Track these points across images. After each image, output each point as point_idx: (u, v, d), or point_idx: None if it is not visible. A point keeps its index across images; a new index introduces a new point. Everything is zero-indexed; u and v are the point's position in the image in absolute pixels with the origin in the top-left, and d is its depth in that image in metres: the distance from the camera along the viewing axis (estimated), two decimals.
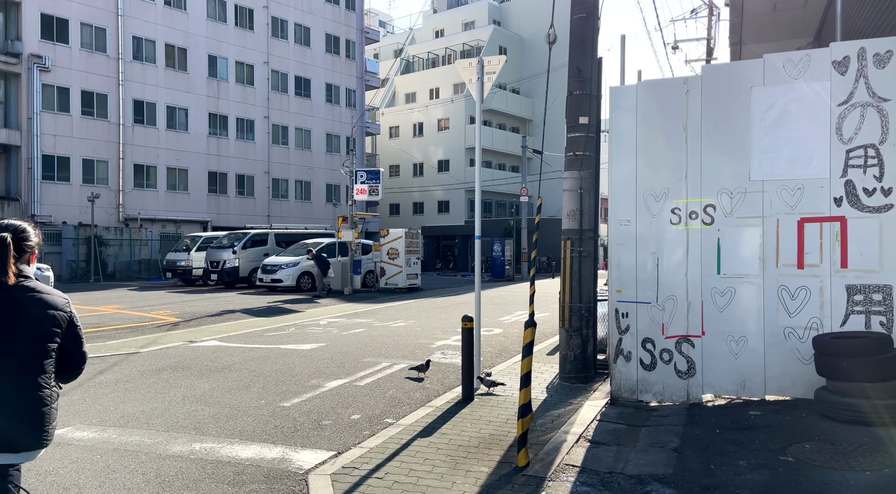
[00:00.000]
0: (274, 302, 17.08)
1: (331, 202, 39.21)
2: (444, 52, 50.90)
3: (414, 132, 48.30)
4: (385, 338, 10.38)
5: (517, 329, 11.60)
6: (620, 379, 6.34)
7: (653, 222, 6.26)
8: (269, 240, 23.49)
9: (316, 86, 38.92)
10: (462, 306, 16.03)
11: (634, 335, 6.30)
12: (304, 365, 8.23)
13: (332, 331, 11.29)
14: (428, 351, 9.19)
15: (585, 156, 7.14)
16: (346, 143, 40.32)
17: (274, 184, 36.81)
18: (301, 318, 13.45)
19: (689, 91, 6.12)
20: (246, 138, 35.55)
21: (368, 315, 14.09)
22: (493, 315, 13.93)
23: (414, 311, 14.77)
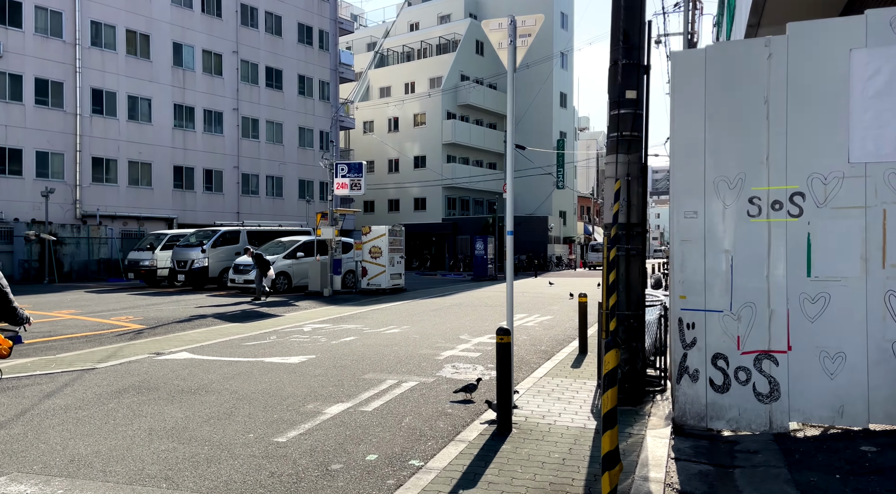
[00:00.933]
0: (250, 306, 15.70)
1: (304, 198, 37.66)
2: (420, 45, 49.69)
3: (389, 127, 46.99)
4: (382, 349, 9.18)
5: (526, 335, 10.51)
6: (685, 402, 5.29)
7: (726, 214, 5.22)
8: (241, 238, 22.01)
9: (288, 77, 37.33)
10: (456, 309, 14.90)
11: (703, 350, 5.25)
12: (296, 383, 6.99)
13: (319, 340, 10.04)
14: (436, 364, 8.03)
15: (633, 137, 6.06)
16: (319, 138, 38.84)
17: (244, 180, 35.14)
18: (282, 324, 12.16)
19: (771, 55, 5.08)
20: (214, 131, 33.82)
21: (356, 319, 12.85)
22: (493, 319, 12.83)
23: (405, 315, 13.58)
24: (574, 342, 9.77)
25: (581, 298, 8.98)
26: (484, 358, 8.39)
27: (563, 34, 49.57)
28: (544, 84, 47.13)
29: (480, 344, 9.49)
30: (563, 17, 49.58)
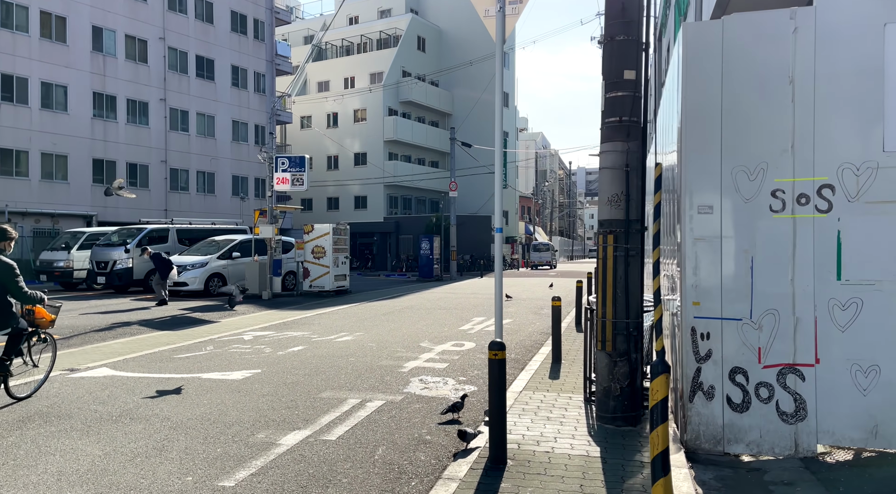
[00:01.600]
0: (181, 311, 14.34)
1: (238, 196, 35.84)
2: (360, 39, 48.43)
3: (328, 122, 45.54)
4: (337, 360, 8.23)
5: None
6: (699, 423, 4.65)
7: (745, 209, 4.61)
8: (170, 237, 20.41)
9: (220, 67, 35.40)
10: (409, 313, 14.04)
11: (719, 363, 4.62)
12: (241, 405, 5.99)
13: (263, 350, 8.98)
14: (401, 378, 7.16)
15: (632, 122, 5.40)
16: (255, 132, 37.07)
17: (172, 175, 33.04)
18: (218, 331, 10.97)
19: (797, 29, 4.50)
20: (139, 122, 31.60)
21: (301, 326, 11.80)
22: (451, 323, 12.06)
23: (355, 320, 12.61)
24: (543, 348, 9.12)
25: (555, 302, 8.31)
26: (453, 370, 7.59)
27: None
28: (484, 82, 46.79)
29: (445, 353, 8.68)
30: None
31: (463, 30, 48.41)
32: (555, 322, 8.21)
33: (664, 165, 6.19)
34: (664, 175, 6.08)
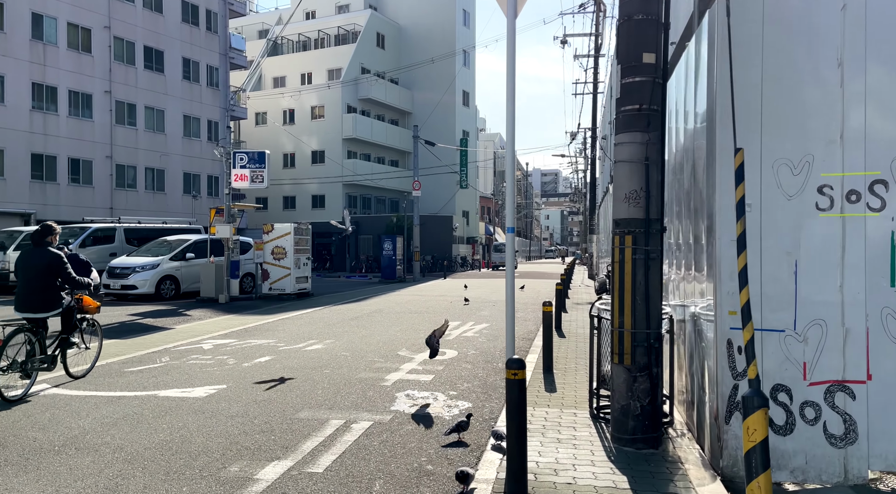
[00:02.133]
0: (130, 317, 13.28)
1: (190, 194, 34.30)
2: (317, 35, 47.28)
3: (284, 119, 44.23)
4: (310, 373, 7.49)
5: (473, 348, 9.18)
6: (736, 447, 4.16)
7: (788, 207, 4.14)
8: (117, 237, 19.14)
9: (171, 59, 33.81)
10: (378, 317, 13.32)
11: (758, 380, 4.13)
12: (208, 430, 5.22)
13: (226, 362, 8.16)
14: (385, 393, 6.49)
15: (652, 111, 4.88)
16: (208, 127, 35.59)
17: (118, 171, 31.33)
18: (174, 339, 10.05)
19: (846, 6, 4.05)
20: (82, 115, 29.83)
21: (265, 332, 10.96)
22: (426, 329, 11.40)
23: (322, 326, 11.83)
24: (530, 355, 8.58)
25: (546, 307, 7.77)
26: (440, 383, 6.95)
27: (466, 32, 48.97)
28: (445, 81, 46.30)
29: (427, 364, 8.03)
30: (466, 15, 48.99)
31: (423, 27, 47.79)
32: (546, 329, 7.67)
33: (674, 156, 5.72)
34: (678, 163, 5.60)
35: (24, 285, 6.54)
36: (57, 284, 6.61)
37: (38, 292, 6.49)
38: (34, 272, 6.51)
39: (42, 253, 6.55)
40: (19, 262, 6.64)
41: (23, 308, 6.51)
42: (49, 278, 6.53)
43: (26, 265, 6.57)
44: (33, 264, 6.53)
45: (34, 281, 6.51)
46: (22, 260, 6.63)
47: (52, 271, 6.53)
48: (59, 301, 6.65)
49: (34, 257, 6.57)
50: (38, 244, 6.64)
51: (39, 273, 6.50)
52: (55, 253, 6.58)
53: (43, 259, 6.51)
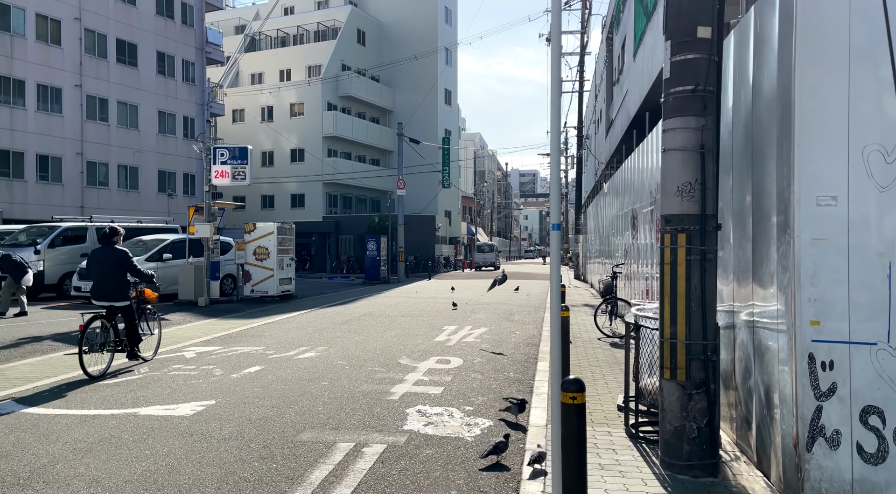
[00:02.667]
0: None
1: (165, 192, 33.19)
2: (296, 30, 46.34)
3: (263, 116, 43.20)
4: (307, 385, 6.83)
5: (479, 356, 8.58)
6: (820, 479, 3.62)
7: (881, 200, 3.61)
8: (89, 237, 18.18)
9: (144, 53, 32.67)
10: (369, 321, 12.65)
11: (846, 401, 3.60)
12: (198, 456, 4.54)
13: (212, 373, 7.45)
14: (393, 409, 5.86)
15: (708, 92, 4.33)
16: (184, 124, 34.49)
17: (89, 169, 30.14)
18: (151, 348, 9.28)
19: None
20: (51, 110, 28.61)
21: (251, 339, 10.24)
22: (422, 334, 10.79)
23: (312, 331, 11.14)
24: (540, 363, 8.02)
25: (564, 312, 7.20)
26: (451, 396, 6.34)
27: (448, 29, 48.41)
28: (426, 78, 45.68)
29: (433, 374, 7.42)
30: (448, 13, 48.43)
31: (404, 24, 47.13)
32: (564, 336, 7.08)
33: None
34: (723, 150, 5.06)
35: (98, 278, 7.61)
36: (126, 277, 7.62)
37: (110, 284, 7.54)
38: (106, 267, 7.55)
39: (111, 251, 7.61)
40: (92, 259, 7.73)
41: (98, 297, 7.58)
42: (119, 271, 7.56)
43: (99, 261, 7.62)
44: (104, 260, 7.58)
45: (106, 274, 7.55)
46: (94, 257, 7.71)
47: (121, 265, 7.58)
48: (128, 291, 7.68)
49: (105, 254, 7.61)
50: (106, 243, 7.72)
51: (110, 267, 7.54)
52: (122, 250, 7.65)
53: (113, 255, 7.58)
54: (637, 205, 10.43)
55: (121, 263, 7.57)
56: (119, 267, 7.57)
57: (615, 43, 27.50)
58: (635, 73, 19.83)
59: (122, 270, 7.59)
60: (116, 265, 7.56)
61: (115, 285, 7.55)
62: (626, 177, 11.80)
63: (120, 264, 7.57)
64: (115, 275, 7.56)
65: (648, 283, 9.32)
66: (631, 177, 11.12)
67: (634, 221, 10.84)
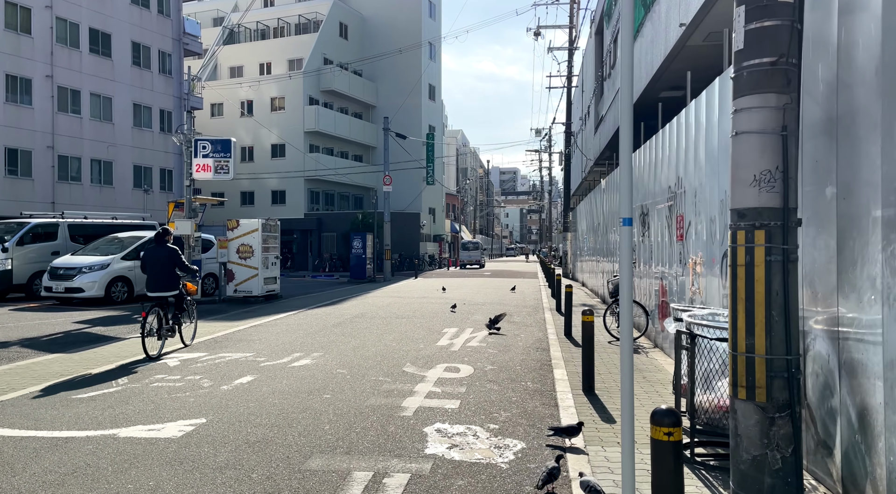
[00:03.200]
0: (77, 325, 11.60)
1: (141, 188, 32.03)
2: (277, 23, 45.27)
3: (242, 111, 42.11)
4: (307, 399, 6.14)
5: (489, 363, 7.95)
6: None
7: None
8: (61, 234, 17.21)
9: (119, 43, 31.46)
10: (362, 323, 11.96)
11: None
12: (191, 492, 3.85)
13: (200, 384, 6.72)
14: (409, 428, 5.20)
15: (791, 65, 3.74)
16: (160, 117, 33.34)
17: (61, 163, 28.93)
18: (131, 353, 8.52)
19: None
20: (20, 101, 27.36)
21: (239, 343, 9.50)
22: (422, 338, 10.15)
23: (303, 335, 10.42)
24: (556, 371, 7.43)
25: (586, 317, 6.61)
26: (470, 411, 5.70)
27: (432, 24, 47.69)
28: (410, 73, 44.94)
29: (444, 384, 6.77)
30: (431, 7, 47.70)
31: (387, 18, 46.31)
32: (587, 341, 6.50)
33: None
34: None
35: (152, 272, 8.56)
36: (175, 271, 8.64)
37: (162, 277, 8.55)
38: (159, 263, 8.55)
39: (163, 249, 8.61)
40: (146, 255, 8.62)
41: (153, 289, 8.58)
42: (170, 267, 8.59)
43: (153, 257, 8.57)
44: (158, 257, 8.56)
45: (159, 269, 8.54)
46: (148, 254, 8.62)
47: (171, 261, 8.58)
48: (177, 283, 8.72)
49: (158, 252, 8.59)
50: (160, 242, 8.72)
51: (163, 263, 8.55)
52: (173, 248, 8.66)
53: (165, 252, 8.57)
54: (648, 201, 9.89)
55: (172, 259, 8.60)
56: (171, 262, 8.60)
57: (606, 37, 27.05)
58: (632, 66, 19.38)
59: (172, 265, 8.61)
60: (168, 261, 8.58)
61: (167, 278, 8.58)
62: (633, 171, 11.27)
63: (171, 260, 8.60)
64: (166, 270, 8.58)
65: (665, 283, 8.78)
66: (640, 171, 10.58)
67: (644, 218, 10.30)
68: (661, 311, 9.00)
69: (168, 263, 8.58)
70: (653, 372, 7.44)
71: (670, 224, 8.39)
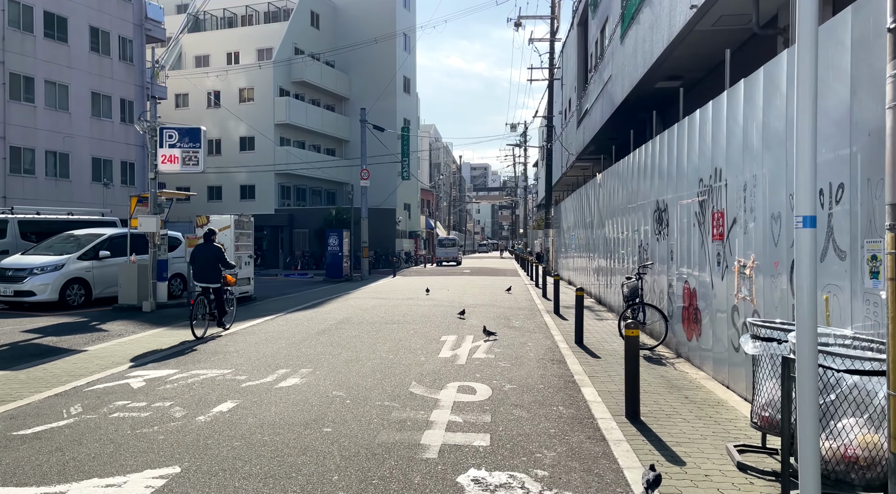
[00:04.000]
0: (26, 334, 10.30)
1: (100, 182, 30.24)
2: (245, 11, 43.58)
3: (209, 102, 40.37)
4: (302, 433, 5.09)
5: (506, 380, 6.98)
6: None
7: None
8: (10, 231, 15.74)
9: (76, 27, 29.59)
10: (349, 329, 10.88)
11: None
12: None
13: (171, 414, 5.61)
14: (438, 477, 4.20)
15: None
16: (121, 107, 31.55)
17: (13, 155, 27.04)
18: (88, 371, 7.33)
19: None
20: None
21: (213, 356, 8.35)
22: (422, 349, 9.13)
23: (285, 345, 9.31)
24: (584, 389, 6.51)
25: (630, 331, 5.68)
26: (508, 449, 4.72)
27: (406, 14, 46.48)
28: (383, 64, 43.68)
29: (466, 411, 5.78)
30: None
31: (360, 8, 44.95)
32: (630, 362, 5.58)
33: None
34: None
35: (199, 266, 10.21)
36: (218, 266, 10.20)
37: (208, 271, 10.16)
38: (206, 259, 10.20)
39: (210, 247, 10.29)
40: (196, 252, 10.38)
41: (200, 280, 10.19)
42: (214, 262, 10.17)
43: (201, 254, 10.26)
44: (206, 254, 10.22)
45: (205, 264, 10.18)
46: (198, 251, 10.34)
47: (216, 258, 10.19)
48: (220, 276, 10.24)
49: (206, 249, 10.27)
50: (207, 241, 10.38)
51: (209, 259, 10.18)
52: (218, 247, 10.35)
53: (212, 250, 10.24)
54: (669, 195, 9.04)
55: (216, 256, 10.28)
56: (215, 258, 10.26)
57: (591, 27, 26.29)
58: (624, 56, 18.57)
59: (216, 261, 10.25)
60: (213, 257, 10.25)
61: (212, 271, 10.22)
62: (646, 163, 10.41)
63: (216, 257, 10.27)
64: (212, 265, 10.23)
65: (691, 286, 7.94)
66: (656, 163, 9.73)
67: (661, 215, 9.46)
68: (687, 317, 8.16)
69: (213, 259, 10.24)
70: (693, 390, 6.58)
71: (701, 221, 7.54)
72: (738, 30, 12.09)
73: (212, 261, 10.19)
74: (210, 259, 10.19)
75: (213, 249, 10.29)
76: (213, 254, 10.21)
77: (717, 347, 7.01)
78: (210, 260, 10.19)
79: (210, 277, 10.20)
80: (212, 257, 10.20)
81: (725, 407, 5.86)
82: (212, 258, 10.19)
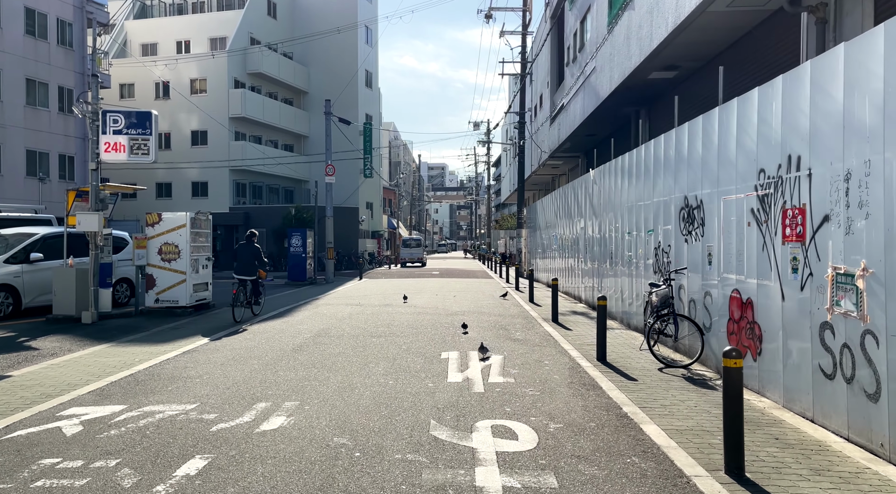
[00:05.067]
0: None
1: (35, 176, 27.66)
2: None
3: (157, 93, 37.88)
4: None
5: (555, 422, 5.66)
6: None
7: None
8: None
9: (10, 8, 26.98)
10: (331, 345, 9.37)
11: None
12: None
13: (116, 484, 4.07)
14: None
15: None
16: (59, 95, 28.99)
17: None
18: (7, 409, 5.68)
19: None
20: None
21: (170, 383, 6.76)
22: (423, 370, 7.73)
23: (259, 366, 7.75)
24: (648, 429, 5.25)
25: (735, 361, 4.42)
26: None
27: (368, 6, 44.79)
28: (346, 56, 41.91)
29: (516, 467, 4.42)
30: None
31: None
32: (733, 403, 4.33)
33: None
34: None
35: (240, 262, 12.30)
36: (255, 262, 12.30)
37: (248, 266, 12.27)
38: (246, 257, 12.28)
39: (251, 246, 12.33)
40: (239, 250, 12.37)
41: (240, 273, 12.27)
42: (252, 259, 12.31)
43: (243, 252, 12.32)
44: (247, 252, 12.29)
45: (246, 260, 12.28)
46: (241, 249, 12.35)
47: (254, 256, 12.33)
48: (256, 271, 12.37)
49: (247, 248, 12.33)
50: (248, 241, 12.38)
51: (249, 256, 12.28)
52: (257, 247, 12.39)
53: (252, 249, 12.31)
54: (704, 190, 7.90)
55: (255, 254, 12.20)
56: (253, 256, 12.19)
57: (569, 19, 25.29)
58: (613, 46, 17.54)
59: (254, 258, 12.18)
60: (252, 255, 12.20)
61: (250, 267, 12.17)
62: (668, 155, 9.27)
63: (254, 255, 12.20)
64: (250, 261, 12.18)
65: (746, 296, 6.80)
66: (684, 154, 8.58)
67: (692, 212, 8.32)
68: (737, 332, 7.02)
69: (252, 257, 12.15)
70: (774, 426, 5.39)
71: (765, 219, 6.39)
72: (754, 11, 11.13)
73: (251, 259, 12.13)
74: (250, 256, 12.14)
75: (252, 248, 12.18)
76: (252, 253, 12.16)
77: (792, 372, 5.85)
78: (250, 257, 12.13)
79: (249, 271, 12.16)
80: (251, 255, 12.14)
81: (834, 453, 4.68)
82: (251, 256, 12.15)
